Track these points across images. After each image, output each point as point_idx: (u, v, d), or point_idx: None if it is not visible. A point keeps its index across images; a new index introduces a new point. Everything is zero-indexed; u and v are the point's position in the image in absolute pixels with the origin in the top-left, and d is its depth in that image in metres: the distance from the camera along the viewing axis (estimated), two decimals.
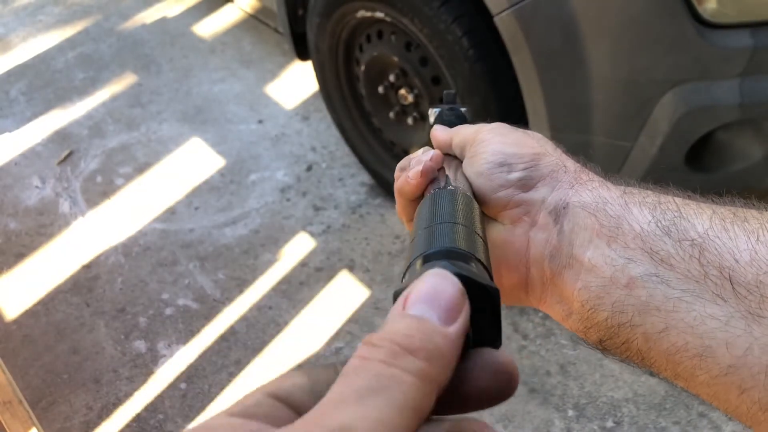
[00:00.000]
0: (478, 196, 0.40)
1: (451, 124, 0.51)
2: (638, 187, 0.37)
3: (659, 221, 0.33)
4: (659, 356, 0.32)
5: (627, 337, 0.33)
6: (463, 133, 0.45)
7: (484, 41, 1.30)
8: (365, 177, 1.93)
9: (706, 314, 0.30)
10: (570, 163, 0.40)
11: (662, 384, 1.43)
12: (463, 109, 0.55)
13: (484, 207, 0.40)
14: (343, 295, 1.67)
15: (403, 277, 0.28)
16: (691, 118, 1.12)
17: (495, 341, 0.26)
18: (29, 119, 2.32)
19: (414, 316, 0.22)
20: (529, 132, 0.43)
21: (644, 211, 0.34)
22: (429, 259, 0.28)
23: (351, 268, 1.73)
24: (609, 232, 0.34)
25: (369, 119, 1.80)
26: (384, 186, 1.85)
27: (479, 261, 0.29)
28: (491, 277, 0.29)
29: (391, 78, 1.60)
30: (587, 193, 0.37)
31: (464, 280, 0.24)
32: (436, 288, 0.23)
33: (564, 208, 0.37)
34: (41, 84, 2.46)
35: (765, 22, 1.06)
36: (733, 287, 0.29)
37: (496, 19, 1.21)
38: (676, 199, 0.35)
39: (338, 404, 0.19)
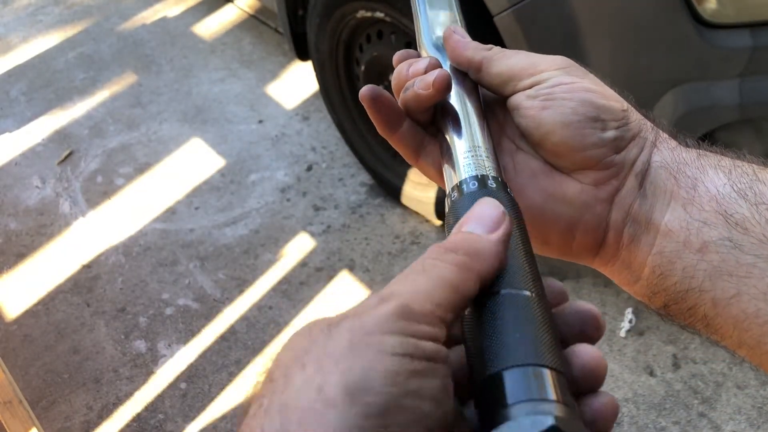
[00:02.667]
0: (554, 149, 0.36)
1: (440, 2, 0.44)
2: (711, 149, 0.36)
3: (735, 184, 0.32)
4: (726, 323, 0.31)
5: (695, 302, 0.32)
6: (511, 61, 0.37)
7: (484, 41, 1.30)
8: (365, 177, 1.93)
9: None
10: (648, 119, 0.37)
11: (662, 384, 1.43)
12: None
13: (562, 160, 0.36)
14: (343, 295, 1.67)
15: (476, 378, 0.25)
16: (690, 119, 1.12)
17: None
18: (29, 119, 2.32)
19: (464, 231, 0.28)
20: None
21: (720, 173, 0.33)
22: (517, 387, 0.24)
23: (351, 268, 1.73)
24: (686, 194, 0.33)
25: (369, 119, 1.80)
26: (384, 186, 1.85)
27: (565, 379, 0.25)
28: (569, 379, 0.25)
29: (392, 78, 1.60)
30: (668, 152, 0.35)
31: None
32: (483, 211, 0.28)
33: (647, 169, 0.35)
34: (41, 84, 2.46)
35: (765, 23, 1.06)
36: None
37: (496, 19, 1.21)
38: (752, 163, 0.34)
39: (390, 282, 0.25)
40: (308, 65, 2.00)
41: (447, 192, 0.34)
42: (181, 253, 1.82)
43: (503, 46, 1.22)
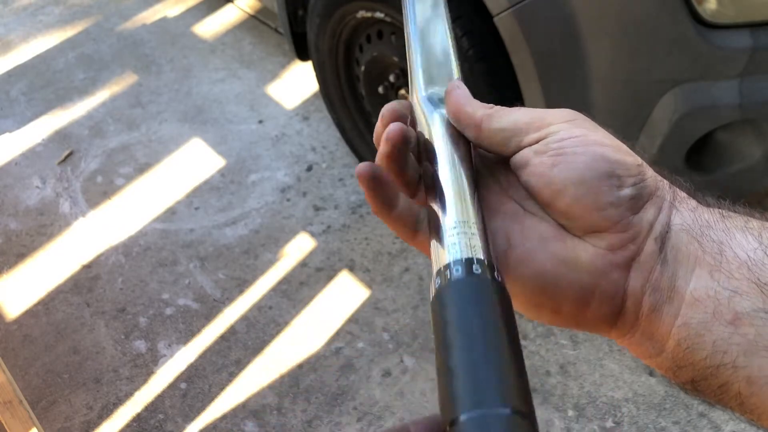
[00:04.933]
0: (566, 210, 0.33)
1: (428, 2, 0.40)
2: (733, 208, 0.33)
3: (766, 248, 0.29)
4: (764, 403, 0.28)
5: (727, 379, 0.29)
6: (515, 116, 0.35)
7: (484, 42, 1.30)
8: None
9: None
10: (662, 175, 0.34)
11: (662, 384, 1.43)
12: None
13: (576, 221, 0.33)
14: (343, 295, 1.67)
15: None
16: (690, 119, 1.12)
17: None
18: (30, 119, 2.32)
19: None
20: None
21: (748, 236, 0.30)
22: None
23: (351, 268, 1.73)
24: (712, 260, 0.30)
25: (369, 119, 1.80)
26: None
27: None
28: None
29: (391, 78, 1.60)
30: (689, 213, 0.32)
31: None
32: None
33: (666, 232, 0.32)
34: (42, 84, 2.46)
35: (765, 23, 1.06)
36: None
37: (496, 20, 1.21)
38: None
39: None
40: (308, 65, 2.01)
41: (433, 274, 0.31)
42: (181, 253, 1.82)
43: (503, 46, 1.22)
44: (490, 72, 1.32)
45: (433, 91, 0.39)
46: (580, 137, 0.33)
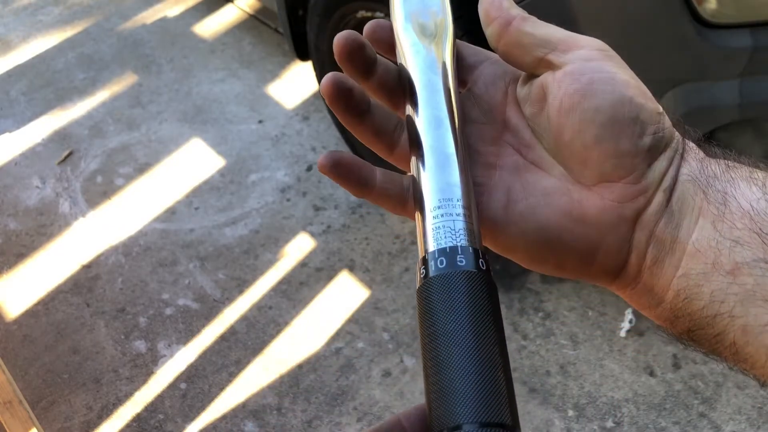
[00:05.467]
0: (583, 152, 0.31)
1: None
2: (739, 159, 0.32)
3: None
4: (758, 352, 0.29)
5: (723, 328, 0.29)
6: (549, 29, 0.32)
7: (484, 41, 1.30)
8: None
9: None
10: (675, 124, 0.33)
11: (662, 384, 1.43)
12: None
13: (588, 168, 0.31)
14: (343, 295, 1.67)
15: None
16: (691, 119, 1.12)
17: None
18: (29, 119, 2.32)
19: None
20: None
21: (753, 187, 0.30)
22: None
23: (351, 268, 1.73)
24: (716, 210, 0.30)
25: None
26: None
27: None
28: None
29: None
30: (696, 164, 0.31)
31: None
32: None
33: (674, 183, 0.31)
34: (41, 84, 2.46)
35: (765, 23, 1.06)
36: None
37: None
38: None
39: None
40: (308, 65, 2.00)
41: (419, 258, 0.30)
42: (181, 253, 1.82)
43: None
44: None
45: (420, 22, 0.36)
46: (609, 73, 0.31)
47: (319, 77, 1.81)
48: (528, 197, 0.32)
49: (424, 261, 0.29)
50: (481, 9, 0.34)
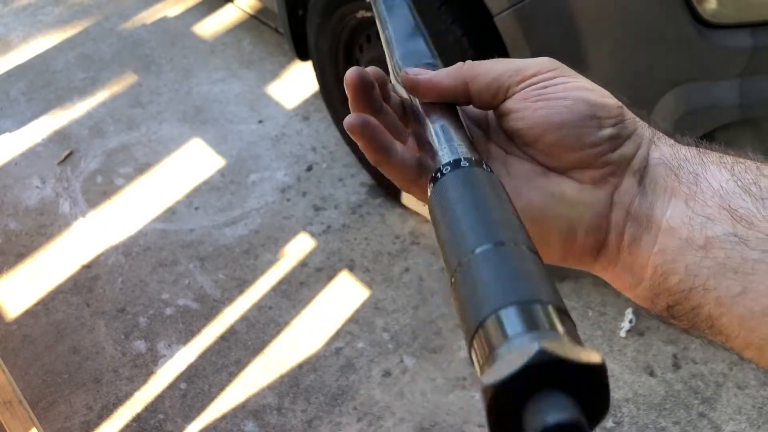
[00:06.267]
0: (548, 150, 0.35)
1: (403, 19, 0.43)
2: (710, 146, 0.35)
3: (738, 180, 0.31)
4: (732, 322, 0.30)
5: (698, 301, 0.31)
6: (497, 69, 0.36)
7: (484, 41, 1.30)
8: (365, 177, 1.93)
9: None
10: (642, 119, 0.37)
11: (662, 384, 1.43)
12: None
13: (557, 160, 0.35)
14: (343, 295, 1.67)
15: (471, 337, 0.25)
16: (691, 118, 1.12)
17: (604, 412, 0.23)
18: (29, 119, 2.32)
19: None
20: None
21: (722, 169, 0.32)
22: (511, 323, 0.23)
23: (351, 268, 1.73)
24: (688, 190, 0.32)
25: None
26: (384, 186, 1.85)
27: (560, 309, 0.25)
28: (569, 317, 0.25)
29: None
30: (667, 149, 0.35)
31: (571, 365, 0.22)
32: None
33: (645, 167, 0.34)
34: (41, 84, 2.46)
35: (765, 22, 1.06)
36: None
37: (496, 19, 1.21)
38: (755, 160, 0.33)
39: None
40: (308, 65, 2.00)
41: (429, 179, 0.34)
42: (181, 253, 1.82)
43: (503, 46, 1.22)
44: None
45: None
46: (562, 84, 0.35)
47: (319, 77, 1.81)
48: (512, 180, 0.35)
49: (432, 179, 0.33)
50: (438, 99, 0.38)
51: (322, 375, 1.52)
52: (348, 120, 0.35)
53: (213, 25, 2.66)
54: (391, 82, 0.41)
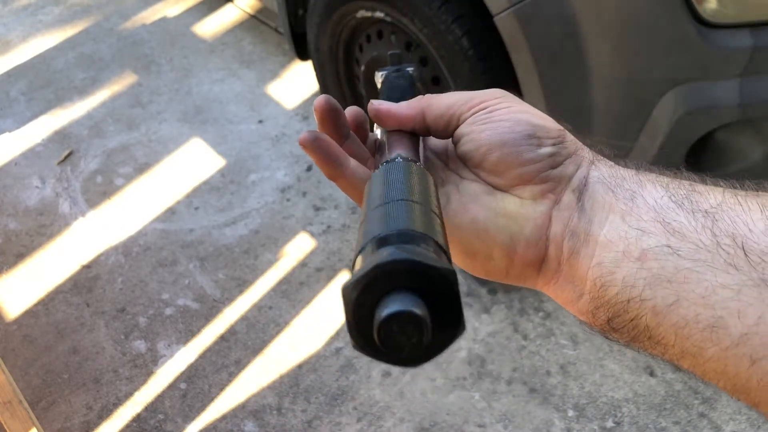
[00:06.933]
0: (493, 168, 0.38)
1: (398, 91, 0.47)
2: (649, 168, 0.37)
3: (672, 195, 0.33)
4: (668, 331, 0.31)
5: (636, 312, 0.32)
6: (450, 100, 0.40)
7: (485, 41, 1.30)
8: None
9: (718, 284, 0.29)
10: (585, 144, 0.39)
11: (662, 384, 1.43)
12: (410, 69, 0.51)
13: (501, 177, 0.38)
14: None
15: (353, 264, 0.28)
16: (691, 119, 1.12)
17: (457, 325, 0.25)
18: (29, 119, 2.32)
19: None
20: None
21: (657, 187, 0.34)
22: (382, 243, 0.26)
23: (351, 268, 1.72)
24: (624, 206, 0.34)
25: (368, 119, 1.79)
26: None
27: (437, 243, 0.27)
28: (449, 259, 0.28)
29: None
30: (606, 169, 0.37)
31: (418, 266, 0.24)
32: None
33: (585, 185, 0.37)
34: (41, 84, 2.46)
35: (765, 22, 1.06)
36: (746, 255, 0.29)
37: (496, 19, 1.21)
38: (689, 179, 0.35)
39: None
40: (308, 65, 2.00)
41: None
42: (181, 253, 1.82)
43: (503, 46, 1.22)
44: (490, 72, 1.32)
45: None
46: (505, 108, 0.38)
47: (320, 77, 1.81)
48: (461, 198, 0.39)
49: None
50: (396, 125, 0.42)
51: (322, 375, 1.52)
52: (301, 136, 0.38)
53: (213, 25, 2.66)
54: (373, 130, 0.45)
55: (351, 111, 0.43)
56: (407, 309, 0.23)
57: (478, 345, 1.54)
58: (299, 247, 1.79)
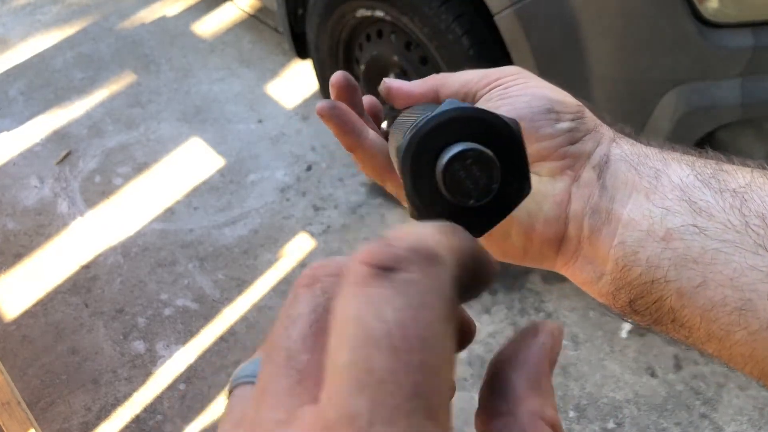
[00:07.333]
0: None
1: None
2: (673, 147, 0.36)
3: (698, 174, 0.32)
4: (693, 314, 0.30)
5: (660, 294, 0.31)
6: (465, 78, 0.39)
7: (485, 40, 1.29)
8: (365, 177, 1.93)
9: (747, 265, 0.28)
10: (605, 121, 0.38)
11: (664, 385, 1.43)
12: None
13: None
14: None
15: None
16: (692, 118, 1.12)
17: (524, 179, 0.24)
18: (28, 119, 2.31)
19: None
20: None
21: (683, 165, 0.33)
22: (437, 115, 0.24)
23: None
24: (648, 185, 0.33)
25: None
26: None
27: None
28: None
29: (392, 77, 1.59)
30: (628, 147, 0.35)
31: (483, 114, 0.23)
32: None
33: (606, 162, 0.35)
34: (40, 83, 2.46)
35: (766, 22, 1.05)
36: None
37: (497, 18, 1.20)
38: (715, 158, 0.33)
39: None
40: (308, 64, 2.00)
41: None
42: (180, 254, 1.81)
43: (504, 45, 1.22)
44: None
45: None
46: (522, 84, 0.37)
47: (319, 76, 1.81)
48: None
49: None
50: (409, 101, 0.40)
51: None
52: (318, 105, 0.36)
53: (212, 24, 2.65)
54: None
55: (367, 99, 0.42)
56: (473, 147, 0.22)
57: (478, 345, 1.53)
58: (299, 247, 1.79)
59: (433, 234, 0.17)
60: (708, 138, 1.17)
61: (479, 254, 0.19)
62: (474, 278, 0.19)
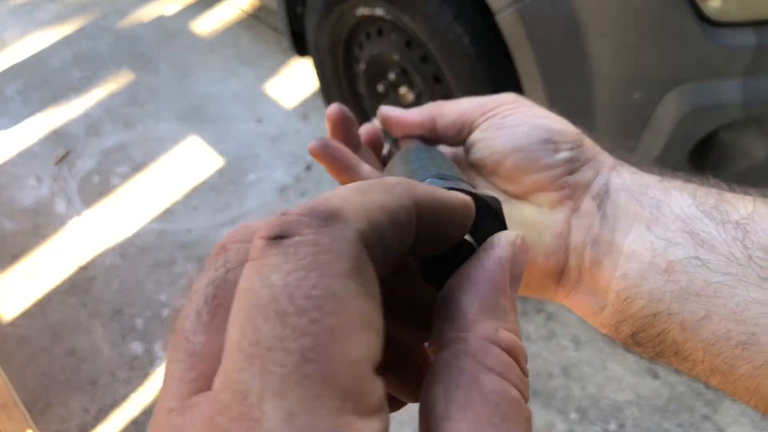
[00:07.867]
0: (508, 174, 0.36)
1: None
2: (673, 174, 0.35)
3: (700, 204, 0.31)
4: (696, 347, 0.30)
5: (662, 327, 0.31)
6: (462, 107, 0.39)
7: (486, 39, 1.29)
8: None
9: (750, 299, 0.28)
10: (604, 149, 0.38)
11: (666, 386, 1.42)
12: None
13: (517, 185, 0.36)
14: None
15: None
16: (694, 118, 1.11)
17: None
18: (25, 118, 2.30)
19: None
20: None
21: (684, 194, 0.32)
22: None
23: None
24: (650, 215, 0.32)
25: (368, 118, 1.78)
26: None
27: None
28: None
29: (392, 76, 1.58)
30: (628, 175, 0.35)
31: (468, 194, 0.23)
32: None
33: (606, 192, 0.35)
34: (37, 83, 2.45)
35: None
36: None
37: (498, 17, 1.19)
38: (717, 186, 0.33)
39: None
40: (307, 63, 1.99)
41: None
42: (179, 254, 1.80)
43: (504, 45, 1.21)
44: (491, 70, 1.30)
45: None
46: (520, 113, 0.37)
47: (319, 75, 1.80)
48: None
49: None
50: (406, 130, 0.40)
51: None
52: (310, 145, 0.36)
53: (211, 23, 2.64)
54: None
55: (365, 130, 0.42)
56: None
57: None
58: None
59: (341, 194, 0.17)
60: (711, 137, 1.16)
61: (429, 201, 0.18)
62: (436, 225, 0.18)
